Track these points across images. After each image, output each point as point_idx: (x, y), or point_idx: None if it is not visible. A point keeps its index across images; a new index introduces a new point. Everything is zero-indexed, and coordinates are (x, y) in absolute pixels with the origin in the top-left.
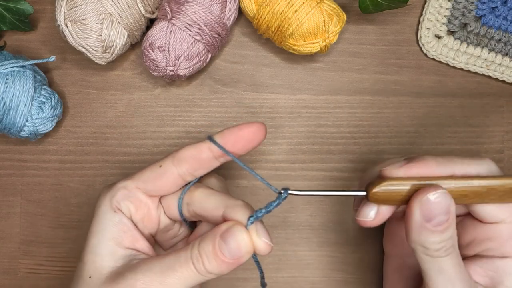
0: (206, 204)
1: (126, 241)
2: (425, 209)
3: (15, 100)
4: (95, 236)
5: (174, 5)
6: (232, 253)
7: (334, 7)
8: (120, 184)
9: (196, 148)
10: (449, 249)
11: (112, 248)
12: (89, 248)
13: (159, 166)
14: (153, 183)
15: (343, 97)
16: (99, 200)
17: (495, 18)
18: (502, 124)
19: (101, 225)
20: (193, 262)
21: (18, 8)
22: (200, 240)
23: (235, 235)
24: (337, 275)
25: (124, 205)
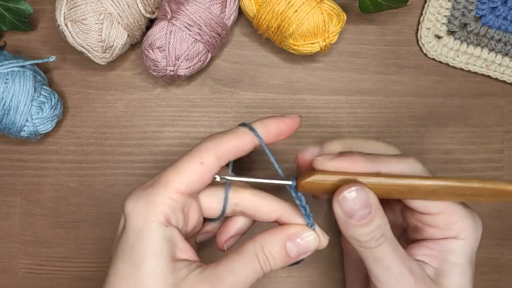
0: (261, 207)
1: (179, 254)
2: (344, 207)
3: (15, 100)
4: (152, 257)
5: (174, 5)
6: (300, 251)
7: (334, 7)
8: (162, 194)
9: (240, 140)
10: (380, 239)
11: (170, 266)
12: (147, 271)
13: (200, 163)
14: (198, 183)
15: (343, 97)
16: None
17: (495, 18)
18: (502, 124)
19: (154, 245)
20: (260, 264)
21: (18, 8)
22: (262, 242)
23: (306, 237)
24: (336, 275)
25: (174, 217)
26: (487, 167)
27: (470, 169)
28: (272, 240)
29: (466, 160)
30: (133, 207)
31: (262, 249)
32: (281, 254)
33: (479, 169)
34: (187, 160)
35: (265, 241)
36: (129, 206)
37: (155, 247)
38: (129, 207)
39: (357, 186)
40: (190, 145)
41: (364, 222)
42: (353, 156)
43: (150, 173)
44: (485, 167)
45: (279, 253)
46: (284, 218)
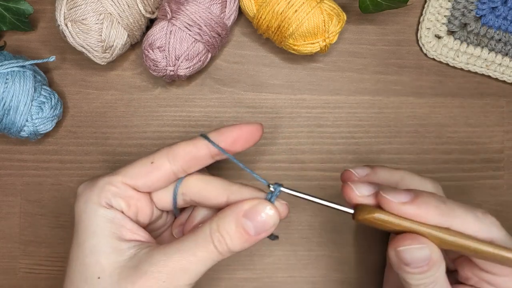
0: (206, 192)
1: (127, 234)
2: (402, 257)
3: (15, 100)
4: (93, 236)
5: (174, 5)
6: (259, 229)
7: (334, 7)
8: (106, 179)
9: (194, 145)
10: (430, 285)
11: (114, 244)
12: (89, 250)
13: (150, 162)
14: (144, 179)
15: (343, 97)
16: (82, 198)
17: (495, 18)
18: (502, 124)
19: (95, 224)
20: (214, 244)
21: (18, 8)
22: (217, 221)
23: (261, 211)
24: (336, 275)
25: (115, 202)
26: (487, 167)
27: (470, 169)
28: (227, 218)
29: (466, 160)
30: (81, 190)
31: (218, 228)
32: (237, 232)
33: (479, 169)
34: (141, 158)
35: (220, 219)
36: (79, 189)
37: (95, 226)
38: (78, 190)
39: (422, 245)
40: None
41: (418, 271)
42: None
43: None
44: (485, 167)
45: (235, 231)
46: (232, 198)
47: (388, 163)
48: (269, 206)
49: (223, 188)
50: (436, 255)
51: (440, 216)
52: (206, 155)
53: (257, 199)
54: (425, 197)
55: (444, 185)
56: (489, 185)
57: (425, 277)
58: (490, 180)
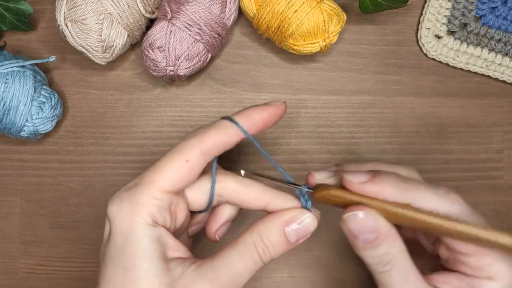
0: (244, 196)
1: (170, 253)
2: (349, 226)
3: (15, 100)
4: (143, 260)
5: (174, 5)
6: (299, 236)
7: (334, 7)
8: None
9: (226, 134)
10: (386, 266)
11: (163, 266)
12: (141, 274)
13: (185, 161)
14: (183, 181)
15: (343, 97)
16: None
17: (495, 18)
18: (502, 124)
19: (143, 246)
20: (259, 254)
21: (18, 8)
22: (260, 231)
23: (303, 220)
24: (336, 275)
25: (160, 217)
26: (487, 167)
27: (470, 169)
28: (270, 228)
29: (466, 160)
30: (117, 210)
31: (261, 238)
32: (280, 241)
33: (479, 169)
34: (172, 158)
35: (263, 230)
36: (113, 210)
37: (145, 248)
38: (113, 210)
39: (366, 211)
40: None
41: (370, 245)
42: (383, 182)
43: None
44: (485, 167)
45: (278, 240)
46: (271, 205)
47: (388, 163)
48: (309, 215)
49: (262, 193)
50: (384, 227)
51: (398, 193)
52: (235, 142)
53: (298, 209)
54: (384, 175)
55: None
56: (489, 185)
57: (379, 253)
58: (490, 180)
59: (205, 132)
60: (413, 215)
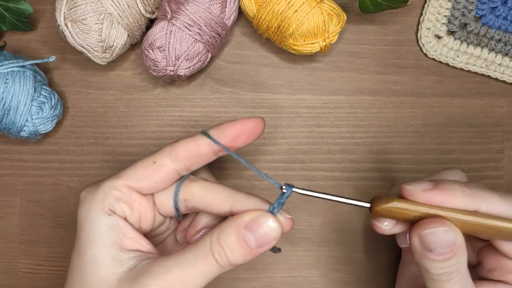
0: (208, 199)
1: (128, 244)
2: (426, 242)
3: (15, 100)
4: (93, 245)
5: (174, 5)
6: (260, 241)
7: (334, 7)
8: (109, 184)
9: (196, 143)
10: (453, 274)
11: (114, 254)
12: (89, 259)
13: (153, 162)
14: (147, 180)
15: (343, 97)
16: (85, 204)
17: (495, 18)
18: (502, 124)
19: (96, 232)
20: (214, 257)
21: (18, 8)
22: (218, 233)
23: (263, 223)
24: (336, 275)
25: (118, 207)
26: (487, 167)
27: (470, 169)
28: (228, 229)
29: (466, 160)
30: (84, 196)
31: (218, 239)
32: (238, 245)
33: (479, 169)
34: (142, 159)
35: (221, 232)
36: (81, 195)
37: (97, 234)
38: (81, 196)
39: (445, 228)
40: None
41: (441, 258)
42: (450, 190)
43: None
44: (485, 167)
45: (236, 243)
46: (236, 207)
47: (388, 163)
48: (271, 219)
49: (227, 196)
50: (460, 239)
51: (466, 199)
52: (209, 152)
53: (260, 211)
54: (448, 183)
55: None
56: (489, 185)
57: (448, 265)
58: (490, 180)
59: (178, 141)
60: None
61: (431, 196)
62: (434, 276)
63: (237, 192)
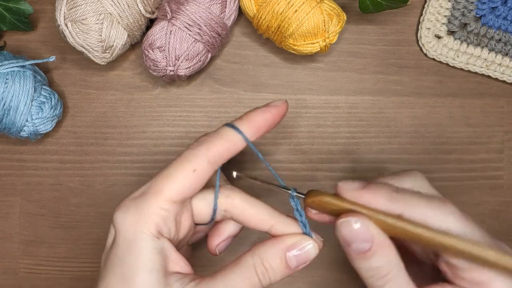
0: (249, 215)
1: (170, 266)
2: (342, 232)
3: (15, 100)
4: (143, 271)
5: (174, 5)
6: (301, 261)
7: (334, 7)
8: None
9: (231, 142)
10: (381, 280)
11: (162, 279)
12: (138, 285)
13: (193, 171)
14: (190, 191)
15: (343, 97)
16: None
17: (495, 18)
18: (502, 124)
19: (145, 258)
20: (259, 278)
21: (18, 8)
22: (261, 254)
23: (305, 247)
24: (336, 275)
25: (165, 228)
26: (487, 167)
27: (470, 169)
28: (272, 252)
29: (466, 160)
30: (123, 218)
31: (261, 261)
32: (281, 266)
33: (479, 169)
34: (179, 167)
35: (264, 253)
36: (119, 218)
37: (146, 260)
38: (119, 219)
39: (361, 219)
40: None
41: (361, 256)
42: (376, 191)
43: (150, 173)
44: (485, 167)
45: (279, 264)
46: (275, 229)
47: (388, 163)
48: (310, 241)
49: (269, 215)
50: (378, 237)
51: (389, 202)
52: (240, 149)
53: (300, 235)
54: (377, 185)
55: (444, 185)
56: (489, 185)
57: (371, 265)
58: (490, 180)
59: (212, 141)
60: (404, 226)
61: (358, 195)
62: (367, 280)
63: (276, 213)
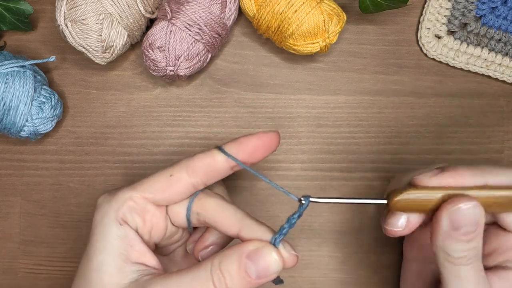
0: (220, 219)
1: (133, 256)
2: (455, 219)
3: (15, 100)
4: (101, 252)
5: (174, 5)
6: (260, 273)
7: (334, 7)
8: (125, 194)
9: (212, 158)
10: (471, 259)
11: (119, 265)
12: (95, 266)
13: (169, 176)
14: (163, 193)
15: (343, 97)
16: (100, 211)
17: (495, 18)
18: (502, 124)
19: (105, 240)
20: (214, 283)
21: (18, 8)
22: (220, 259)
23: (265, 255)
24: (336, 275)
25: (131, 218)
26: None
27: None
28: (230, 257)
29: (466, 160)
30: (100, 202)
31: (219, 265)
32: (239, 274)
33: None
34: (159, 172)
35: (224, 257)
36: (99, 200)
37: (105, 242)
38: (98, 201)
39: (474, 202)
40: (190, 145)
41: (465, 238)
42: (457, 170)
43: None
44: None
45: (236, 271)
46: (243, 233)
47: (388, 163)
48: (274, 252)
49: (238, 220)
50: (483, 218)
51: (474, 175)
52: (225, 168)
53: (264, 242)
54: (452, 166)
55: None
56: None
57: (471, 246)
58: None
59: (195, 156)
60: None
61: (442, 179)
62: (455, 260)
63: (247, 218)
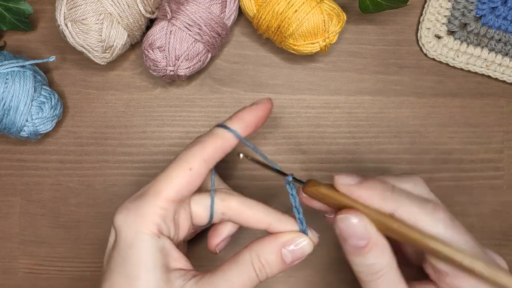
0: (247, 216)
1: (172, 264)
2: (341, 227)
3: (15, 100)
4: (146, 269)
5: (174, 5)
6: (295, 258)
7: (334, 7)
8: (152, 203)
9: (226, 141)
10: (374, 275)
11: (165, 278)
12: (142, 283)
13: (189, 170)
14: (188, 189)
15: (343, 97)
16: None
17: (495, 18)
18: (502, 124)
19: (148, 257)
20: (256, 273)
21: (18, 8)
22: (257, 251)
23: (300, 243)
24: (336, 275)
25: (165, 227)
26: (487, 167)
27: (470, 169)
28: (268, 248)
29: (466, 160)
30: (124, 220)
31: (258, 257)
32: (277, 261)
33: (479, 169)
34: (176, 167)
35: (261, 250)
36: (120, 219)
37: (148, 259)
38: (119, 220)
39: (360, 216)
40: None
41: (357, 252)
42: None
43: (150, 173)
44: (485, 167)
45: (275, 260)
46: (273, 227)
47: (388, 163)
48: (305, 238)
49: (265, 215)
50: (375, 236)
51: (382, 201)
52: (233, 147)
53: (296, 232)
54: (372, 182)
55: (444, 185)
56: (489, 185)
57: (365, 262)
58: (490, 180)
59: (205, 141)
60: (393, 225)
61: (352, 190)
62: (358, 274)
63: (272, 211)
